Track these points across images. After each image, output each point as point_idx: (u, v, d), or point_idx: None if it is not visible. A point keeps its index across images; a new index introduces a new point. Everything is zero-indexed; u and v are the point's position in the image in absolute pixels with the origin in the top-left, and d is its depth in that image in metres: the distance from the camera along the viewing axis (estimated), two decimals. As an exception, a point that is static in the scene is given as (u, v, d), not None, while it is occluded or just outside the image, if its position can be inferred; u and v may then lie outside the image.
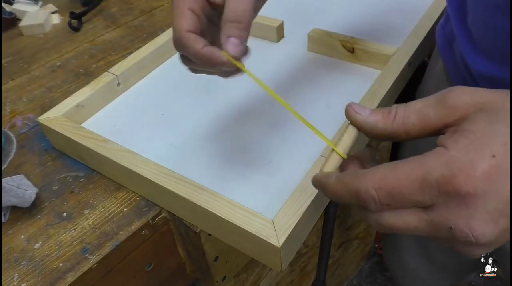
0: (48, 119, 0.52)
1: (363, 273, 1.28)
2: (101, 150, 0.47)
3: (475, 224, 0.23)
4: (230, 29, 0.33)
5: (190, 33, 0.33)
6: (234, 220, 0.39)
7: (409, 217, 0.25)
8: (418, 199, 0.24)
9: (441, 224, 0.25)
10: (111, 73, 0.59)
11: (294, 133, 0.52)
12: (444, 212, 0.24)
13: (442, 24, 0.56)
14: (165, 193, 0.44)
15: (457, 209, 0.24)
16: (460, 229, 0.24)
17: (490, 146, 0.23)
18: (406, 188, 0.24)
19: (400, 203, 0.25)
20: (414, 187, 0.24)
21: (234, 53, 0.33)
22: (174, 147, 0.52)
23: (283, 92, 0.58)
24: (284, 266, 0.40)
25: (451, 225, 0.24)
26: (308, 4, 0.75)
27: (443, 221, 0.24)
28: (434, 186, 0.24)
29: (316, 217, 0.45)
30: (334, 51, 0.62)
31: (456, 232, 0.24)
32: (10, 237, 0.46)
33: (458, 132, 0.25)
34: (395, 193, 0.25)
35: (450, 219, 0.24)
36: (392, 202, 0.25)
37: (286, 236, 0.38)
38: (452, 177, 0.23)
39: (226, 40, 0.33)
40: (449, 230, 0.24)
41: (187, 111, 0.57)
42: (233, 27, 0.33)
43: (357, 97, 0.51)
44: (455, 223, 0.24)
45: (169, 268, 0.53)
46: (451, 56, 0.53)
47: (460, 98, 0.26)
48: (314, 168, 0.43)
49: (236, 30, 0.33)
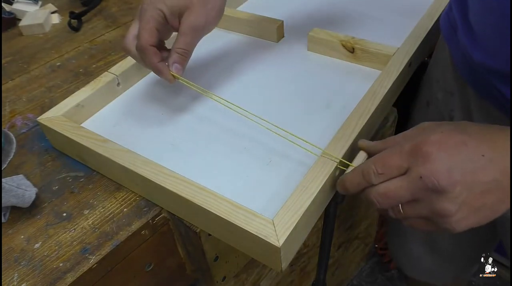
0: (48, 119, 0.52)
1: (363, 273, 1.28)
2: (101, 150, 0.47)
3: (436, 171, 0.34)
4: (176, 58, 0.49)
5: (152, 47, 0.48)
6: (234, 220, 0.39)
7: (396, 180, 0.36)
8: (399, 163, 0.36)
9: (415, 177, 0.35)
10: (111, 73, 0.59)
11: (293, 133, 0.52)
12: (416, 167, 0.35)
13: (447, 11, 0.57)
14: (165, 193, 0.44)
15: (423, 163, 0.34)
16: (427, 176, 0.34)
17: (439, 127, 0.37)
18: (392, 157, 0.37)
19: (389, 169, 0.36)
20: (396, 155, 0.36)
21: (176, 73, 0.49)
22: (174, 146, 0.52)
23: (283, 92, 0.58)
24: (284, 266, 0.40)
25: (421, 175, 0.34)
26: (307, 4, 0.75)
27: (416, 174, 0.35)
28: (407, 152, 0.36)
29: (316, 217, 0.45)
30: (334, 51, 0.62)
31: (425, 179, 0.34)
32: (10, 237, 0.46)
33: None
34: (385, 161, 0.37)
35: (420, 170, 0.34)
36: (385, 169, 0.37)
37: (286, 236, 0.38)
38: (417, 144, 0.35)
39: (172, 64, 0.49)
40: (420, 180, 0.34)
41: (187, 111, 0.57)
42: (178, 57, 0.49)
43: (357, 97, 0.51)
44: (423, 173, 0.34)
45: (169, 268, 0.53)
46: (455, 44, 0.54)
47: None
48: (314, 168, 0.43)
49: (179, 59, 0.49)
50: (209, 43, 0.68)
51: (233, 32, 0.71)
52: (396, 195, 0.36)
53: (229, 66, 0.64)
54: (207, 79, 0.62)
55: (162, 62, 0.48)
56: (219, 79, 0.62)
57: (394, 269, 1.28)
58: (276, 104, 0.56)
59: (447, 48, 0.58)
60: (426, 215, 0.36)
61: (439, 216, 0.35)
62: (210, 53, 0.66)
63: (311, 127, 0.52)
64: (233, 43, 0.68)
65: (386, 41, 0.60)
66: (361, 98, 0.51)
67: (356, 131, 0.46)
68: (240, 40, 0.69)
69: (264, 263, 0.43)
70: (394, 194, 0.36)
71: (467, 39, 0.49)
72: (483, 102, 0.53)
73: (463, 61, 0.52)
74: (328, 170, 0.43)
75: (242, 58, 0.65)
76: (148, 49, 0.47)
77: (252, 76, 0.62)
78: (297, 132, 0.52)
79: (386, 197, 0.37)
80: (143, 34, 0.47)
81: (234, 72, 0.62)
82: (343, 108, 0.55)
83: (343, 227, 0.92)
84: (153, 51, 0.48)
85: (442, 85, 0.62)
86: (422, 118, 0.70)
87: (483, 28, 0.45)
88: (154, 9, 0.48)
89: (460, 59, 0.54)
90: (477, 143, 0.35)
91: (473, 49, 0.48)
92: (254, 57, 0.65)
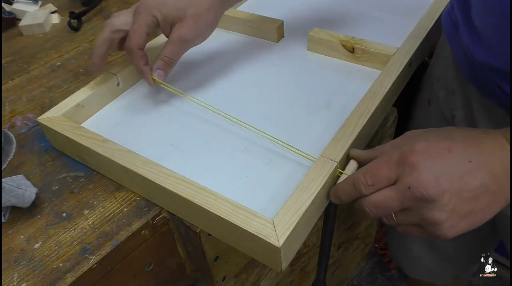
0: (48, 119, 0.52)
1: (363, 273, 1.28)
2: (101, 150, 0.47)
3: (423, 181, 0.34)
4: (161, 64, 0.52)
5: (140, 51, 0.51)
6: (234, 220, 0.39)
7: (386, 191, 0.37)
8: (388, 174, 0.37)
9: (403, 187, 0.35)
10: (111, 73, 0.59)
11: (293, 133, 0.52)
12: (404, 177, 0.35)
13: (448, 10, 0.57)
14: (165, 193, 0.44)
15: (410, 173, 0.35)
16: (415, 186, 0.34)
17: (424, 135, 0.37)
18: (380, 167, 0.37)
19: (379, 180, 0.37)
20: (384, 166, 0.37)
21: (158, 78, 0.53)
22: (173, 146, 0.52)
23: (283, 92, 0.58)
24: (284, 266, 0.40)
25: (409, 185, 0.35)
26: (307, 4, 0.75)
27: (404, 184, 0.35)
28: (395, 162, 0.36)
29: (316, 217, 0.45)
30: (334, 51, 0.62)
31: (413, 190, 0.34)
32: (10, 237, 0.46)
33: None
34: (374, 172, 0.37)
35: (408, 181, 0.35)
36: (374, 180, 0.37)
37: (286, 236, 0.38)
38: (404, 154, 0.36)
39: (155, 70, 0.52)
40: (409, 190, 0.35)
41: (187, 111, 0.57)
42: (162, 63, 0.52)
43: (357, 97, 0.51)
44: (411, 182, 0.35)
45: (169, 268, 0.53)
46: (457, 42, 0.54)
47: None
48: (314, 168, 0.43)
49: (163, 66, 0.52)
50: (209, 43, 0.68)
51: (233, 32, 0.71)
52: (387, 205, 0.37)
53: (229, 66, 0.64)
54: (207, 79, 0.62)
55: (146, 66, 0.52)
56: (219, 79, 0.62)
57: (394, 269, 1.28)
58: (276, 104, 0.56)
59: (449, 47, 0.58)
60: (417, 222, 0.37)
61: (429, 224, 0.35)
62: (210, 53, 0.66)
63: (311, 127, 0.52)
64: (233, 43, 0.68)
65: (386, 41, 0.60)
66: (361, 98, 0.51)
67: (356, 131, 0.46)
68: (240, 40, 0.69)
69: (264, 263, 0.43)
70: (385, 204, 0.37)
71: (469, 38, 0.49)
72: (485, 100, 0.53)
73: (465, 60, 0.52)
74: (328, 170, 0.43)
75: (242, 58, 0.65)
76: (136, 52, 0.51)
77: (252, 76, 0.62)
78: (297, 132, 0.52)
79: (378, 207, 0.37)
80: (134, 37, 0.50)
81: (234, 72, 0.62)
82: (343, 108, 0.55)
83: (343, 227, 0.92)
84: (140, 54, 0.51)
85: (444, 83, 0.62)
86: (423, 116, 0.70)
87: (485, 26, 0.45)
88: (149, 15, 0.49)
89: (461, 58, 0.54)
90: (463, 148, 0.36)
91: (475, 47, 0.48)
92: (254, 57, 0.65)
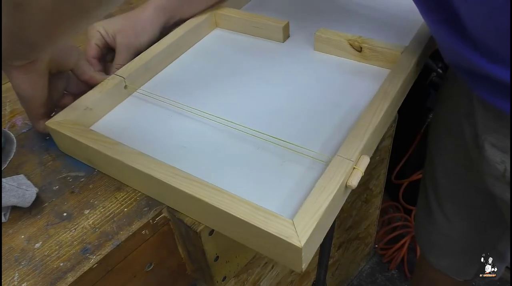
0: (57, 123, 0.52)
1: (363, 274, 1.29)
2: (113, 153, 0.47)
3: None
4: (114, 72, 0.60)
5: (93, 59, 0.62)
6: (254, 222, 0.39)
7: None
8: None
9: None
10: (118, 76, 0.58)
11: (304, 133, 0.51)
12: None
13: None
14: (182, 196, 0.43)
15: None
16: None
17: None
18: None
19: None
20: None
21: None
22: (185, 149, 0.51)
23: (291, 92, 0.58)
24: (304, 266, 0.40)
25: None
26: (313, 4, 0.75)
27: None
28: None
29: (333, 217, 0.44)
30: (341, 50, 0.61)
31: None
32: (10, 237, 0.46)
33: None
34: None
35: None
36: None
37: (307, 237, 0.37)
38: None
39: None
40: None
41: (197, 113, 0.55)
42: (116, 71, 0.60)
43: (366, 97, 0.50)
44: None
45: (169, 268, 0.53)
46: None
47: None
48: (330, 168, 0.43)
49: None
50: (213, 44, 0.68)
51: (238, 33, 0.70)
52: None
53: (235, 67, 0.63)
54: (213, 82, 0.61)
55: (98, 72, 0.60)
56: (225, 81, 0.61)
57: (394, 269, 1.29)
58: (284, 105, 0.56)
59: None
60: None
61: None
62: (215, 55, 0.66)
63: (322, 127, 0.52)
64: (238, 44, 0.68)
65: (393, 39, 0.59)
66: (370, 97, 0.50)
67: (370, 130, 0.46)
68: (245, 41, 0.68)
69: (284, 264, 0.43)
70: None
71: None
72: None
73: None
74: (344, 169, 0.42)
75: (248, 59, 0.64)
76: (90, 60, 0.62)
77: (259, 77, 0.61)
78: (307, 132, 0.51)
79: None
80: (86, 49, 0.62)
81: (241, 74, 0.62)
82: (353, 107, 0.54)
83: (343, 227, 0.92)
84: (92, 62, 0.62)
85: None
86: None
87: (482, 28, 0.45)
88: (94, 30, 0.62)
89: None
90: None
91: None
92: (261, 58, 0.64)
